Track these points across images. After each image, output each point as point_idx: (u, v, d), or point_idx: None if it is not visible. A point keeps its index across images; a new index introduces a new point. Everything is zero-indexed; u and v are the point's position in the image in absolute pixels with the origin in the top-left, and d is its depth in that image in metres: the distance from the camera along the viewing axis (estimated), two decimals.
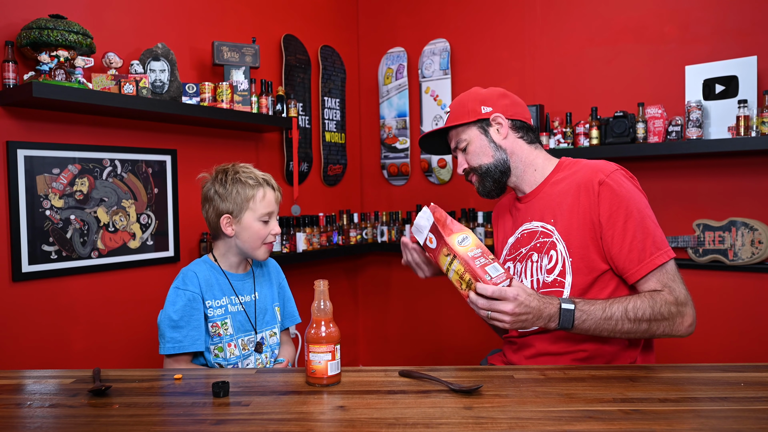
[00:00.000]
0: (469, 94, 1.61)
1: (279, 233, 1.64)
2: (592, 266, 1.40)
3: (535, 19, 3.02)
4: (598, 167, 1.44)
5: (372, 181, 3.70)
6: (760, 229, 2.39)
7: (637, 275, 1.36)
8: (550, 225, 1.48)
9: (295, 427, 0.99)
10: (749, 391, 1.13)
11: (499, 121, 1.55)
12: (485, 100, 1.57)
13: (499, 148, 1.56)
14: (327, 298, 1.21)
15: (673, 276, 1.36)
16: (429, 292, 3.44)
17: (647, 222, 1.38)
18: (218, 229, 1.61)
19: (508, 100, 1.58)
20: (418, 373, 1.24)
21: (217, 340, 1.55)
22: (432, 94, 3.39)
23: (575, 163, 1.54)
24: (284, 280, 1.79)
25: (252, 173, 1.64)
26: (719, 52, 2.50)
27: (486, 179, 1.57)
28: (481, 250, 1.25)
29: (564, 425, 0.97)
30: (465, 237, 1.27)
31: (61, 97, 1.95)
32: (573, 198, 1.44)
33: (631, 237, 1.36)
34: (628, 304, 1.31)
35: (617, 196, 1.38)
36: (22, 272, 2.06)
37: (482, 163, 1.56)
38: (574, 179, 1.47)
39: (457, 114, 1.58)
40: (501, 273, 1.23)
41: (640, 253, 1.36)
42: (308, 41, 3.30)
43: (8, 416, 1.07)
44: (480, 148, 1.56)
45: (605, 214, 1.38)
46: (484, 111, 1.56)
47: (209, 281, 1.58)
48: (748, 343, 2.45)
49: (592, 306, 1.30)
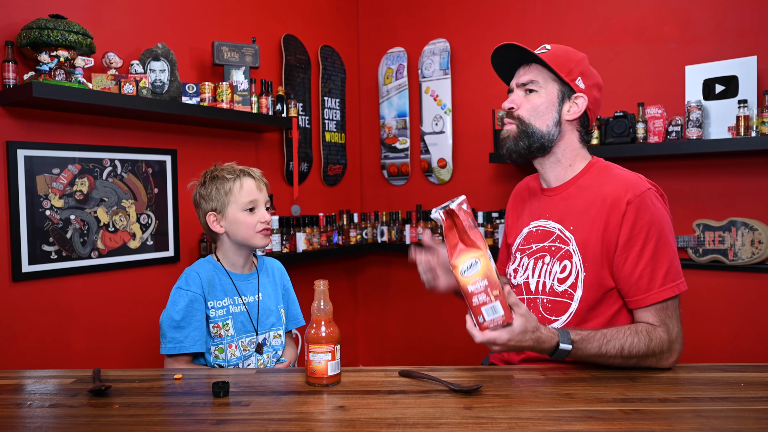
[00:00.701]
0: (579, 57, 1.44)
1: (269, 220, 1.61)
2: (602, 283, 1.35)
3: (535, 19, 3.02)
4: (630, 184, 1.34)
5: (372, 181, 3.70)
6: (760, 229, 2.39)
7: (638, 303, 1.31)
8: (568, 232, 1.40)
9: (295, 427, 0.99)
10: (749, 391, 1.13)
11: (578, 102, 1.42)
12: (586, 76, 1.43)
13: (558, 123, 1.42)
14: (327, 298, 1.21)
15: (672, 311, 1.31)
16: (429, 292, 3.43)
17: (664, 251, 1.30)
18: (210, 229, 1.62)
19: (599, 95, 1.47)
20: (418, 373, 1.24)
21: (218, 341, 1.55)
22: (432, 94, 3.39)
23: (607, 170, 1.43)
24: (289, 283, 1.78)
25: (230, 167, 1.62)
26: (719, 52, 2.50)
27: (523, 139, 1.42)
28: (486, 283, 1.11)
29: (564, 425, 0.97)
30: (473, 263, 1.12)
31: (61, 97, 1.95)
32: (597, 211, 1.35)
33: (643, 265, 1.30)
34: (625, 342, 1.25)
35: (642, 220, 1.30)
36: (22, 272, 2.06)
37: (534, 123, 1.42)
38: (602, 191, 1.37)
39: (557, 59, 1.41)
40: (499, 316, 1.12)
41: (648, 282, 1.30)
42: (308, 41, 3.30)
43: (8, 416, 1.07)
44: (545, 107, 1.42)
45: (624, 237, 1.31)
46: (578, 82, 1.41)
47: (212, 281, 1.58)
48: (748, 343, 2.45)
49: (589, 344, 1.24)
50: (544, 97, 1.42)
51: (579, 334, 1.24)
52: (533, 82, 1.42)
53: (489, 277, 1.11)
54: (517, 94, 1.45)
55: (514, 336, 1.14)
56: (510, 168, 3.12)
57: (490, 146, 3.14)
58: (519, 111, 1.43)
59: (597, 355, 1.25)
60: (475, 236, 1.13)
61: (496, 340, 1.14)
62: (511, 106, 1.45)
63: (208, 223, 1.60)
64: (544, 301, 1.41)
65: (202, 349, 1.52)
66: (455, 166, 3.34)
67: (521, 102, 1.44)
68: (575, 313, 1.36)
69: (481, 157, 3.19)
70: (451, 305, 3.34)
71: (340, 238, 3.22)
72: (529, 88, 1.43)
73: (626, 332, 1.26)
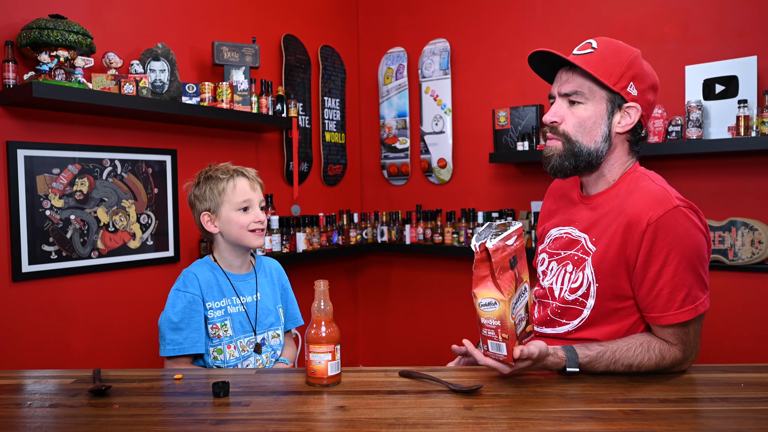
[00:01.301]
0: (631, 57, 1.26)
1: (263, 220, 1.61)
2: (619, 293, 1.27)
3: (535, 19, 3.02)
4: (656, 200, 1.22)
5: (372, 181, 3.70)
6: (760, 229, 2.38)
7: (654, 321, 1.24)
8: (591, 244, 1.31)
9: (295, 427, 0.99)
10: (749, 391, 1.13)
11: (630, 112, 1.28)
12: (639, 79, 1.26)
13: (608, 138, 1.28)
14: (327, 298, 1.21)
15: (692, 332, 1.24)
16: (429, 292, 3.44)
17: (687, 273, 1.20)
18: (204, 229, 1.61)
19: (653, 97, 1.31)
20: (418, 373, 1.24)
21: (216, 342, 1.55)
22: (432, 94, 3.39)
23: (638, 180, 1.30)
24: (287, 282, 1.78)
25: (224, 167, 1.62)
26: (719, 52, 2.50)
27: (569, 158, 1.29)
28: (498, 323, 1.10)
29: (564, 425, 0.97)
30: (492, 303, 1.10)
31: (61, 97, 1.95)
32: (616, 227, 1.25)
33: (661, 285, 1.21)
34: (634, 360, 1.21)
35: (662, 241, 1.20)
36: (22, 272, 2.06)
37: (581, 140, 1.28)
38: (625, 204, 1.26)
39: (605, 64, 1.25)
40: (501, 354, 1.12)
41: (666, 303, 1.21)
42: (308, 41, 3.30)
43: (8, 416, 1.07)
44: (592, 122, 1.28)
45: (643, 257, 1.21)
46: (629, 89, 1.26)
47: (210, 282, 1.58)
48: (748, 343, 2.45)
49: (597, 364, 1.21)
50: (591, 109, 1.27)
51: (587, 355, 1.21)
52: (578, 93, 1.27)
53: (503, 321, 1.10)
54: (560, 104, 1.31)
55: (516, 371, 1.16)
56: (510, 168, 3.12)
57: (490, 146, 3.14)
58: (564, 126, 1.29)
59: (602, 371, 1.23)
60: (503, 281, 1.09)
61: (497, 369, 1.15)
62: (554, 120, 1.30)
63: (202, 223, 1.60)
64: (554, 306, 1.38)
65: (201, 350, 1.52)
66: (455, 166, 3.34)
67: (565, 114, 1.29)
68: (587, 318, 1.32)
69: (481, 157, 3.19)
70: (451, 306, 3.34)
71: (340, 238, 3.22)
72: (573, 99, 1.28)
73: (636, 350, 1.22)
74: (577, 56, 1.28)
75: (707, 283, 1.26)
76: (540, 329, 1.41)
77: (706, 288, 1.25)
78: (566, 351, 1.21)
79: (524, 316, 1.17)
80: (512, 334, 1.11)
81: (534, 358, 1.14)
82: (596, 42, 1.28)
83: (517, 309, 1.13)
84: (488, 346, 1.14)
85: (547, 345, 1.18)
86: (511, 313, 1.10)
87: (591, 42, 1.29)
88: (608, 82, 1.25)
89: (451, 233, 3.10)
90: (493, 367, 1.15)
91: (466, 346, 1.20)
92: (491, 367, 1.16)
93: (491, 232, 1.12)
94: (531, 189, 3.04)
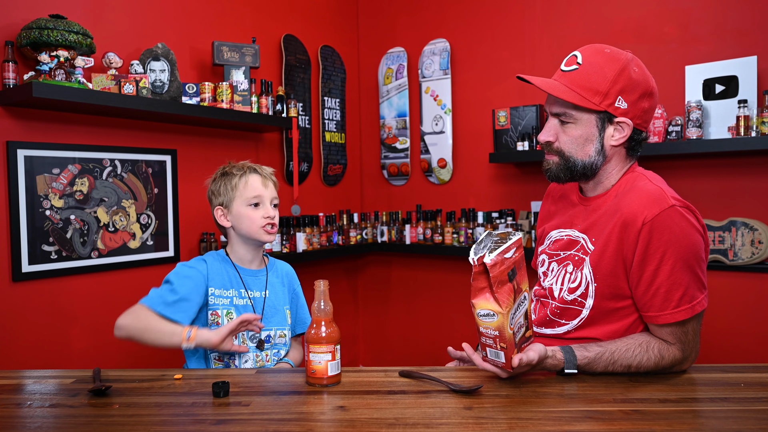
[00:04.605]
0: (617, 69, 1.26)
1: (273, 216, 1.64)
2: (618, 293, 1.29)
3: (535, 19, 3.02)
4: (652, 200, 1.24)
5: (372, 181, 3.70)
6: (760, 229, 2.38)
7: (652, 320, 1.25)
8: (591, 244, 1.33)
9: (295, 427, 0.99)
10: (749, 391, 1.13)
11: (622, 126, 1.30)
12: (628, 91, 1.27)
13: (601, 151, 1.31)
14: (327, 298, 1.21)
15: (691, 331, 1.24)
16: (429, 292, 3.44)
17: (683, 273, 1.21)
18: (218, 223, 1.67)
19: (648, 104, 1.31)
20: (418, 373, 1.24)
21: (214, 329, 1.54)
22: (432, 94, 3.39)
23: (635, 181, 1.32)
24: (299, 287, 1.79)
25: (240, 164, 1.68)
26: (719, 52, 2.50)
27: (565, 171, 1.34)
28: (496, 333, 1.11)
29: (564, 425, 0.97)
30: (490, 314, 1.10)
31: (61, 97, 1.95)
32: (613, 226, 1.27)
33: (657, 285, 1.22)
34: (633, 361, 1.22)
35: (658, 241, 1.21)
36: (22, 272, 2.06)
37: (575, 155, 1.32)
38: (621, 203, 1.28)
39: (588, 83, 1.27)
40: (499, 361, 1.14)
41: (662, 302, 1.22)
42: (308, 41, 3.30)
43: (8, 416, 1.07)
44: (583, 140, 1.31)
45: (639, 257, 1.23)
46: (617, 104, 1.27)
47: (218, 270, 1.62)
48: (748, 343, 2.45)
49: (595, 365, 1.23)
50: (582, 128, 1.31)
51: (586, 356, 1.22)
52: (566, 114, 1.31)
53: (501, 332, 1.10)
54: (553, 123, 1.35)
55: (514, 374, 1.19)
56: (510, 168, 3.12)
57: (490, 146, 3.14)
58: (558, 144, 1.34)
59: (600, 372, 1.24)
60: (501, 294, 1.09)
61: (496, 373, 1.19)
62: (548, 139, 1.35)
63: (216, 217, 1.66)
64: (553, 306, 1.39)
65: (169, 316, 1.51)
66: (455, 166, 3.34)
67: (558, 132, 1.34)
68: (586, 318, 1.33)
69: (481, 157, 3.19)
70: (451, 306, 3.34)
71: (340, 238, 3.22)
72: (563, 120, 1.32)
73: (635, 350, 1.23)
74: (563, 74, 1.31)
75: (705, 282, 1.26)
76: (539, 329, 1.41)
77: (703, 287, 1.26)
78: (565, 352, 1.23)
79: (524, 323, 1.18)
80: (510, 344, 1.12)
81: (533, 364, 1.17)
82: (581, 55, 1.30)
83: (516, 318, 1.14)
84: (487, 352, 1.16)
85: (545, 347, 1.20)
86: (510, 324, 1.11)
87: (576, 55, 1.31)
88: (592, 104, 1.27)
89: (451, 233, 3.10)
90: (493, 373, 1.19)
91: (466, 351, 1.23)
92: (491, 372, 1.19)
93: (490, 244, 1.12)
94: (531, 189, 3.04)
